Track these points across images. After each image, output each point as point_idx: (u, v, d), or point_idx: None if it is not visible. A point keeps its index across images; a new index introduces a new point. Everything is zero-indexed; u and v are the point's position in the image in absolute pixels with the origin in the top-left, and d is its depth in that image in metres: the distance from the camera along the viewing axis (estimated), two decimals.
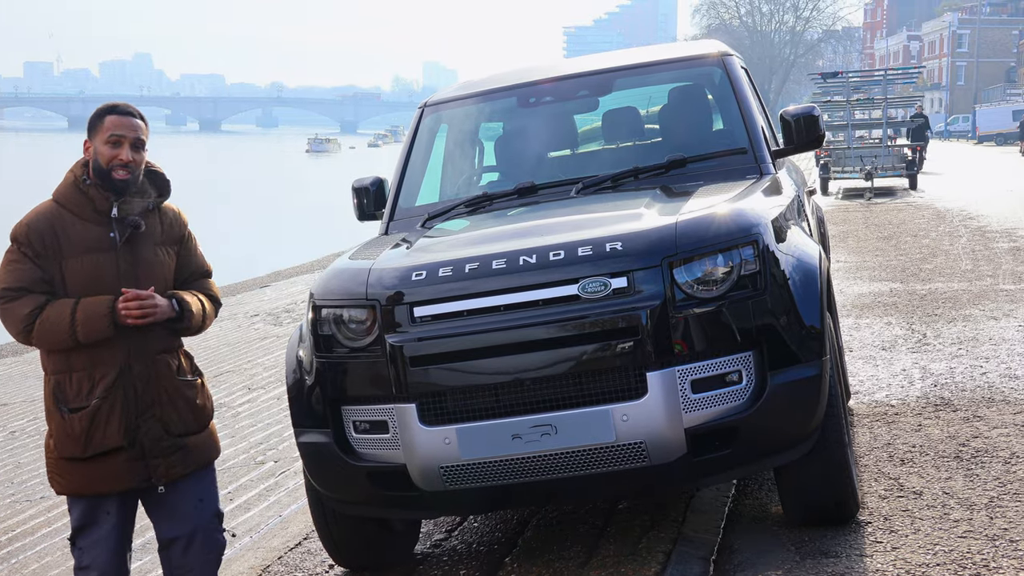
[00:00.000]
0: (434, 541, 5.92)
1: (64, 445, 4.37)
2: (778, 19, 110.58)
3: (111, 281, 4.36)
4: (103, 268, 4.36)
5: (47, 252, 4.33)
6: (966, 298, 11.79)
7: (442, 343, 4.84)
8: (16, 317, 4.31)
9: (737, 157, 6.19)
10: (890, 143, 31.44)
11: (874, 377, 8.49)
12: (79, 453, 4.36)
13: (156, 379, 4.45)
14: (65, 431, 4.36)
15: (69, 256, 4.34)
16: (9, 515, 7.90)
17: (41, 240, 4.33)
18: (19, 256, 4.34)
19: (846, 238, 18.38)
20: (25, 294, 4.31)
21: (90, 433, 4.34)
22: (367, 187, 6.84)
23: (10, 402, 12.53)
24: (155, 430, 4.42)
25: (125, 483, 4.41)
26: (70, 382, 4.37)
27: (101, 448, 4.35)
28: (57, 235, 4.34)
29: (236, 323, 16.02)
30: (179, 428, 4.49)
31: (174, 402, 4.49)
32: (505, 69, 7.51)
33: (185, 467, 4.51)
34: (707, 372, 4.75)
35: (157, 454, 4.42)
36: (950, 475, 6.05)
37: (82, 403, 4.35)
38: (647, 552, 5.20)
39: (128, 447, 4.37)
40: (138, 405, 4.40)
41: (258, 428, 9.36)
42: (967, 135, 79.82)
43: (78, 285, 4.34)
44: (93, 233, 4.38)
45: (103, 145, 4.39)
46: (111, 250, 4.38)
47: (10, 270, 4.35)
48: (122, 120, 4.41)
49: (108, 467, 4.38)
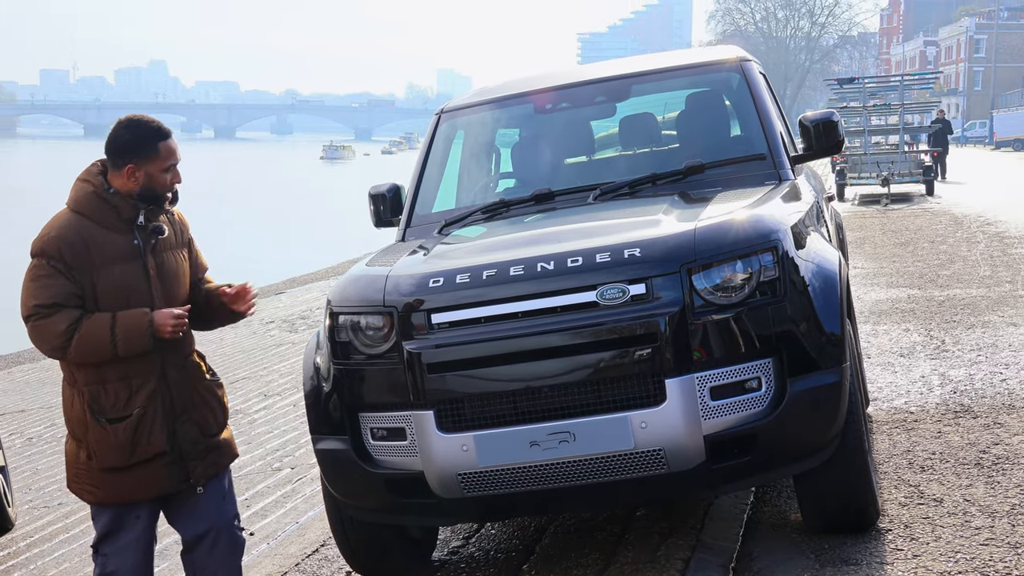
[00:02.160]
0: (451, 548, 5.91)
1: (106, 456, 4.36)
2: (794, 25, 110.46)
3: (141, 289, 4.37)
4: (133, 277, 4.36)
5: (79, 264, 4.29)
6: (985, 304, 11.73)
7: (460, 350, 4.82)
8: (52, 334, 4.27)
9: (756, 163, 6.16)
10: (907, 149, 31.34)
11: (893, 384, 8.45)
12: (123, 463, 4.36)
13: (190, 383, 4.51)
14: (107, 441, 4.35)
15: (100, 267, 4.32)
16: (28, 521, 7.91)
17: (72, 252, 4.28)
18: (49, 271, 4.27)
19: (863, 244, 18.32)
20: (59, 310, 4.26)
21: (135, 441, 4.35)
22: (384, 194, 6.83)
23: (27, 408, 12.56)
24: (192, 432, 4.47)
25: (165, 487, 4.44)
26: (106, 393, 4.36)
27: (146, 455, 4.37)
28: (88, 246, 4.31)
29: (252, 330, 16.04)
30: (213, 428, 4.57)
31: (208, 403, 4.56)
32: (520, 76, 7.50)
33: (219, 467, 4.58)
34: (726, 379, 4.72)
35: (195, 456, 4.47)
36: (971, 482, 6.01)
37: (121, 412, 4.34)
38: (665, 559, 5.17)
39: (168, 452, 4.41)
40: (175, 409, 4.44)
41: (274, 434, 9.36)
42: (984, 141, 79.61)
43: (109, 296, 4.32)
44: (119, 242, 4.37)
45: (162, 173, 4.40)
46: (137, 258, 4.39)
47: (41, 286, 4.27)
48: (173, 145, 4.45)
49: (149, 473, 4.40)
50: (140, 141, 4.38)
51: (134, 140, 4.38)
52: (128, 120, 4.46)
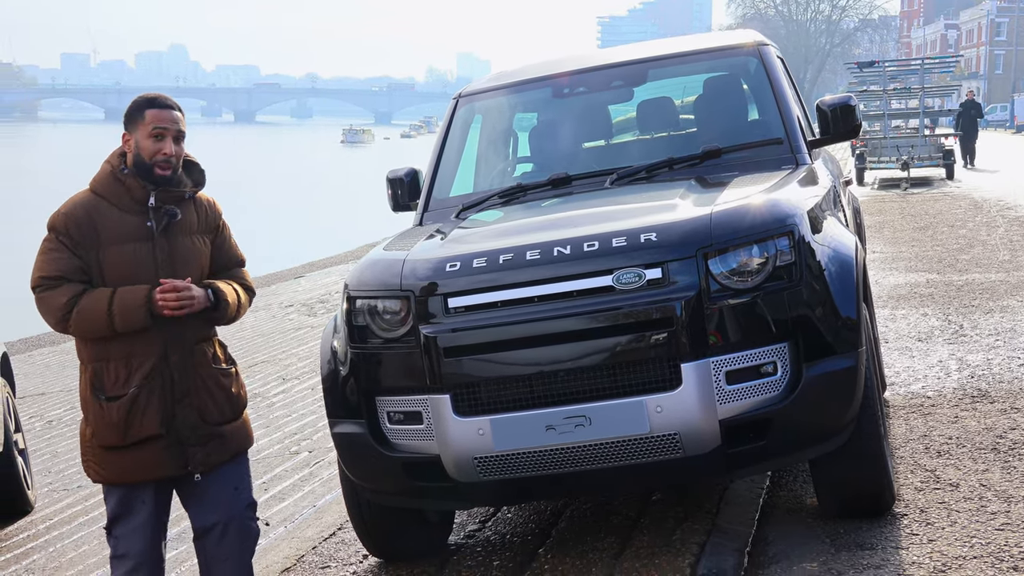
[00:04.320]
0: (468, 532, 5.93)
1: (103, 434, 4.40)
2: (814, 8, 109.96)
3: (148, 270, 4.38)
4: (140, 257, 4.38)
5: (85, 241, 4.35)
6: (1003, 289, 11.69)
7: (476, 334, 4.84)
8: (53, 306, 4.34)
9: (773, 147, 6.15)
10: (927, 133, 31.19)
11: (910, 368, 8.44)
12: (118, 442, 4.38)
13: (193, 368, 4.47)
14: (104, 420, 4.38)
15: (107, 245, 4.36)
16: (47, 503, 7.97)
17: (79, 229, 4.35)
18: (57, 245, 4.36)
19: (882, 228, 18.27)
20: (62, 283, 4.33)
21: (128, 421, 4.36)
22: (401, 178, 6.84)
23: (48, 391, 12.64)
24: (191, 418, 4.44)
25: (162, 471, 4.44)
26: (107, 371, 4.39)
27: (139, 436, 4.38)
28: (95, 224, 4.36)
29: (271, 313, 16.09)
30: (215, 417, 4.51)
31: (210, 390, 4.51)
32: (539, 60, 7.50)
33: (222, 455, 4.53)
34: (742, 363, 4.73)
35: (194, 442, 4.45)
36: (987, 467, 6.00)
37: (119, 391, 4.37)
38: (681, 543, 5.19)
39: (165, 435, 4.40)
40: (174, 394, 4.42)
41: (292, 418, 9.40)
42: (1005, 124, 79.12)
43: (116, 274, 4.36)
44: (130, 222, 4.39)
45: (146, 139, 4.40)
46: (148, 239, 4.40)
47: (47, 259, 4.37)
48: (164, 113, 4.42)
49: (145, 455, 4.40)
50: (133, 110, 4.45)
51: (129, 110, 4.47)
52: (137, 96, 4.55)
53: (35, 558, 6.83)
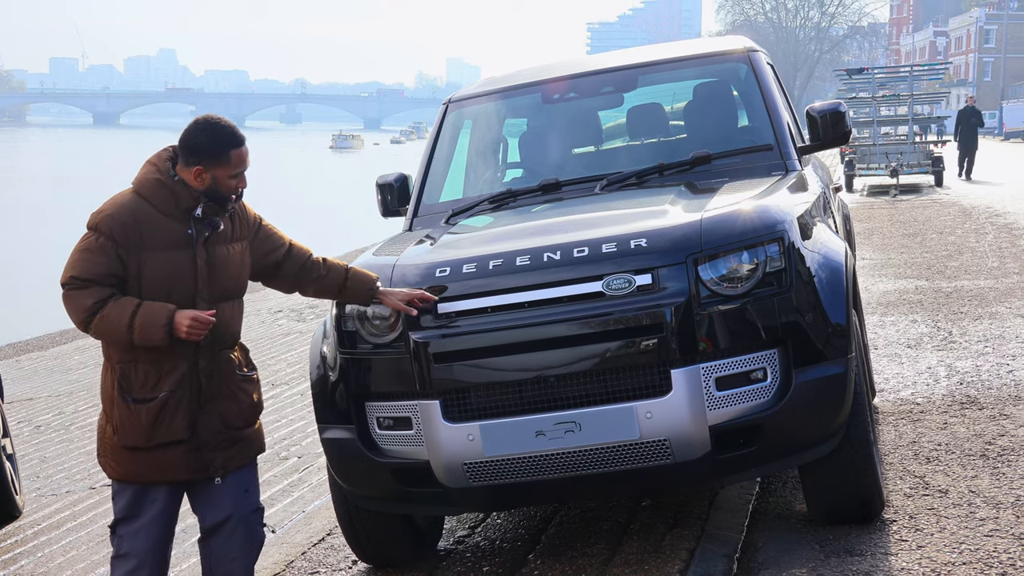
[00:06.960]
0: (457, 537, 5.92)
1: (128, 435, 4.39)
2: (803, 15, 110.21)
3: (188, 278, 4.37)
4: (181, 265, 4.36)
5: (129, 244, 4.30)
6: (992, 295, 11.72)
7: (466, 340, 4.84)
8: (80, 307, 4.31)
9: (763, 154, 6.16)
10: (916, 140, 31.24)
11: (899, 375, 8.45)
12: (142, 444, 4.38)
13: (220, 374, 4.48)
14: (130, 421, 4.37)
15: (148, 250, 4.33)
16: (35, 508, 7.95)
17: (124, 231, 4.30)
18: (97, 245, 4.31)
19: (871, 235, 18.30)
20: (91, 286, 4.29)
21: (156, 425, 4.36)
22: (391, 183, 6.84)
23: (35, 397, 12.61)
24: (215, 423, 4.46)
25: (181, 474, 4.45)
26: (136, 372, 4.37)
27: (164, 440, 4.38)
28: (140, 227, 4.32)
29: (260, 319, 16.07)
30: (238, 422, 4.54)
31: (235, 397, 4.53)
32: (529, 65, 7.50)
33: (242, 460, 4.57)
34: (732, 369, 4.73)
35: (214, 447, 4.46)
36: (976, 473, 6.01)
37: (148, 395, 4.36)
38: (671, 549, 5.19)
39: (188, 440, 4.41)
40: (201, 399, 4.43)
41: (282, 424, 9.38)
42: (993, 132, 79.32)
43: (154, 280, 4.33)
44: (172, 229, 4.37)
45: (228, 179, 4.40)
46: (188, 247, 4.39)
47: (83, 258, 4.31)
48: (245, 153, 4.44)
49: (167, 458, 4.41)
50: (213, 146, 4.37)
51: (207, 144, 4.37)
52: (205, 122, 4.43)
53: (23, 563, 6.80)
